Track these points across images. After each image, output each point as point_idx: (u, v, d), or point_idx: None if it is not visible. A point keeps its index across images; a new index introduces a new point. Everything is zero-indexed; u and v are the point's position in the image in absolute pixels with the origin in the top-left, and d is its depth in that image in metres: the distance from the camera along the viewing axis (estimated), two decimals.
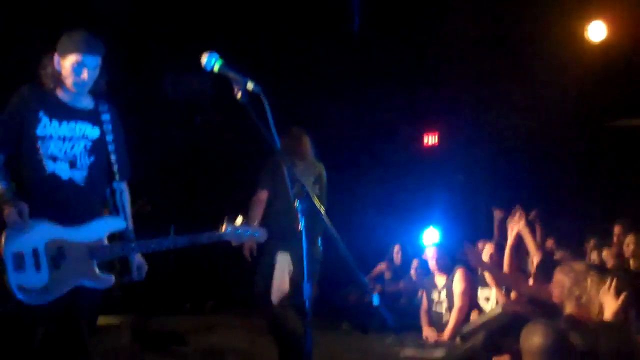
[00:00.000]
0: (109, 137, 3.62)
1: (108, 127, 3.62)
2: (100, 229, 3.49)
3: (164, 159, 10.15)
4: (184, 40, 8.59)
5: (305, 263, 2.91)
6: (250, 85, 2.94)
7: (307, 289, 2.88)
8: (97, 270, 3.43)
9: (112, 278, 3.48)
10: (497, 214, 7.92)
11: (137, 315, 7.55)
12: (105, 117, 3.63)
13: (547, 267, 5.27)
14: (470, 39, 9.30)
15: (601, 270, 4.50)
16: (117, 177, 3.67)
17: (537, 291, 5.15)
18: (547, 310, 4.51)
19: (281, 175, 5.56)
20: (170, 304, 10.09)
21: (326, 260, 6.19)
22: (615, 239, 7.05)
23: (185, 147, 10.72)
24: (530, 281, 5.53)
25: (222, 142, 10.59)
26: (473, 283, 6.98)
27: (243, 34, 9.06)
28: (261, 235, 3.87)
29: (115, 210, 3.71)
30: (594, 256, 7.09)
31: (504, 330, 4.98)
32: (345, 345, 7.32)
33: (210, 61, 2.99)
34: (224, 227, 3.72)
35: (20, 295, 3.21)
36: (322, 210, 2.92)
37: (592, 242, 7.50)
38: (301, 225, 2.93)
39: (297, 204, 2.93)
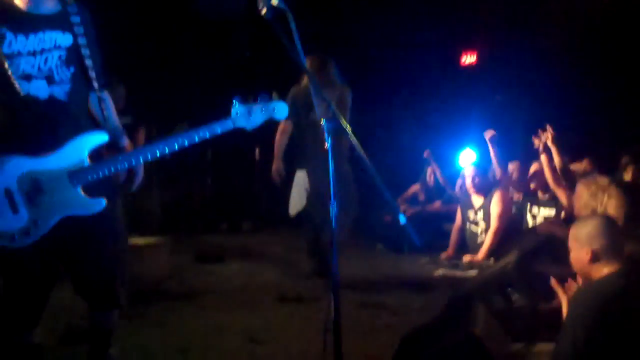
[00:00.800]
0: (82, 41, 3.14)
1: (80, 30, 3.14)
2: (79, 149, 3.05)
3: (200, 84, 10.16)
4: None
5: (331, 182, 2.88)
6: (275, 1, 2.87)
7: (333, 208, 2.86)
8: (82, 195, 3.02)
9: (103, 201, 3.04)
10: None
11: (175, 235, 7.67)
12: (75, 19, 3.15)
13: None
14: None
15: (623, 185, 4.49)
16: (95, 84, 3.19)
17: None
18: None
19: (300, 102, 6.25)
20: (208, 224, 10.26)
21: (361, 182, 6.25)
22: None
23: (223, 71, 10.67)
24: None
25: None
26: (510, 205, 6.96)
27: None
28: (280, 108, 3.20)
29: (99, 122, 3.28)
30: (628, 173, 6.94)
31: (538, 250, 4.96)
32: (380, 265, 7.39)
33: None
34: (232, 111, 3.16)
35: (0, 242, 2.92)
36: (349, 129, 2.88)
37: (625, 159, 7.34)
38: (327, 145, 2.90)
39: (322, 122, 2.89)
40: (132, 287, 5.27)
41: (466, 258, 6.89)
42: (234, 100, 3.13)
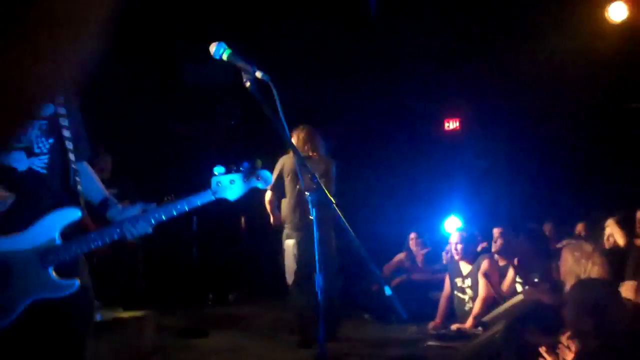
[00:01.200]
0: (62, 111, 2.92)
1: (60, 99, 2.92)
2: (50, 227, 2.82)
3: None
4: (198, 29, 8.58)
5: (316, 254, 2.86)
6: (259, 74, 2.89)
7: (319, 280, 2.83)
8: (53, 277, 2.78)
9: (75, 282, 2.80)
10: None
11: (160, 308, 7.56)
12: None
13: None
14: (490, 22, 9.22)
15: (605, 252, 4.56)
16: (71, 156, 2.94)
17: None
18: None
19: (281, 172, 6.58)
20: (194, 296, 10.14)
21: (347, 252, 6.23)
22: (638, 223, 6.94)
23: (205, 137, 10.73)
24: None
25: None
26: (498, 273, 6.95)
27: (256, 21, 9.05)
28: (264, 177, 2.95)
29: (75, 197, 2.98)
30: (608, 240, 6.97)
31: (526, 318, 4.93)
32: (367, 335, 7.30)
33: (219, 50, 2.95)
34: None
35: None
36: (334, 201, 2.87)
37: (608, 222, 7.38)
38: (312, 216, 2.89)
39: (307, 195, 2.89)
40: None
41: (454, 327, 6.83)
42: (214, 170, 2.97)
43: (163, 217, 2.95)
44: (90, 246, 2.85)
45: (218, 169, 2.98)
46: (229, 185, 2.96)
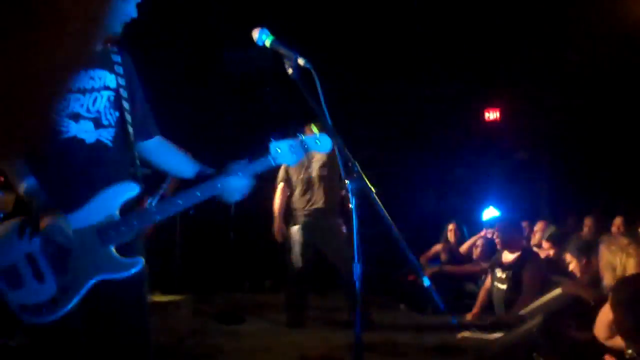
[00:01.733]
0: (123, 83, 2.81)
1: (120, 70, 2.81)
2: (109, 203, 2.66)
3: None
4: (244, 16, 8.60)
5: (355, 244, 2.85)
6: (301, 61, 2.88)
7: (357, 269, 2.83)
8: (115, 255, 2.64)
9: (140, 260, 2.67)
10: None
11: (197, 293, 7.62)
12: (116, 58, 2.83)
13: None
14: (533, 13, 9.10)
15: None
16: (131, 130, 2.82)
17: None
18: None
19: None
20: (230, 282, 10.20)
21: (384, 241, 6.21)
22: None
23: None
24: None
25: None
26: (542, 268, 6.87)
27: (296, 8, 9.05)
28: (323, 141, 2.95)
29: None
30: None
31: (563, 312, 4.88)
32: (403, 325, 7.28)
33: (262, 36, 2.94)
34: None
35: (26, 317, 2.54)
36: (373, 190, 2.86)
37: None
38: (352, 205, 2.88)
39: (347, 183, 2.88)
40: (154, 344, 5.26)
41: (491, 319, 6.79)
42: (271, 139, 2.91)
43: (247, 175, 2.88)
44: (151, 220, 2.76)
45: (274, 136, 2.94)
46: (288, 150, 2.92)
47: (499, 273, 7.07)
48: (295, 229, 7.11)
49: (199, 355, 5.87)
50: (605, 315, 3.90)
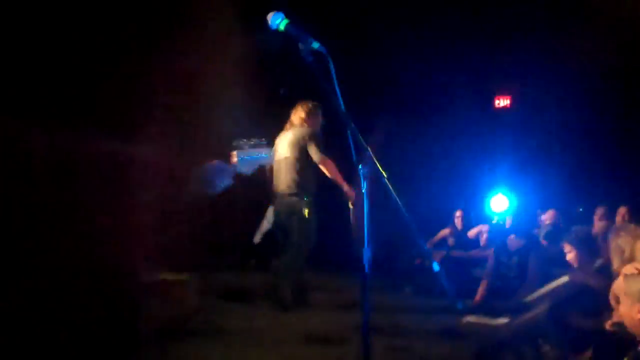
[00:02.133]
0: None
1: None
2: None
3: None
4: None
5: (365, 228, 2.87)
6: (316, 45, 2.90)
7: (367, 252, 2.85)
8: None
9: None
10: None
11: (203, 271, 7.63)
12: None
13: None
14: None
15: None
16: None
17: None
18: None
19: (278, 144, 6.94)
20: (236, 261, 10.23)
21: (391, 224, 6.22)
22: None
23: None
24: None
25: None
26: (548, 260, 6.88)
27: None
28: None
29: None
30: None
31: (570, 300, 4.90)
32: (407, 308, 7.31)
33: (276, 20, 2.96)
34: None
35: None
36: (385, 174, 2.88)
37: None
38: (363, 189, 2.90)
39: (359, 168, 2.90)
40: (157, 323, 5.30)
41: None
42: None
43: None
44: None
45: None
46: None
47: (505, 259, 7.10)
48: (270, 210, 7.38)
49: (204, 333, 5.90)
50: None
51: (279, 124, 7.14)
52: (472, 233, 8.86)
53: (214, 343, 5.57)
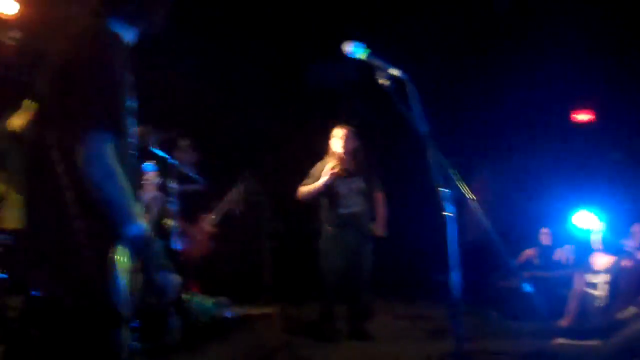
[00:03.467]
0: None
1: None
2: None
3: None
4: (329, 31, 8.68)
5: (452, 251, 2.86)
6: (396, 72, 2.93)
7: (455, 278, 2.84)
8: None
9: None
10: None
11: (288, 303, 7.64)
12: None
13: None
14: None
15: None
16: None
17: None
18: None
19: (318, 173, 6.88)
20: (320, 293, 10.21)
21: (475, 245, 6.15)
22: None
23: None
24: None
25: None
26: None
27: (378, 19, 9.07)
28: None
29: None
30: None
31: None
32: (496, 332, 7.18)
33: (358, 50, 3.00)
34: None
35: None
36: (473, 197, 2.87)
37: None
38: (448, 212, 2.89)
39: (442, 191, 2.90)
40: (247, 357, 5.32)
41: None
42: None
43: None
44: None
45: None
46: None
47: (590, 278, 6.92)
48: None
49: None
50: None
51: None
52: (557, 255, 8.65)
53: None
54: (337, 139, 6.87)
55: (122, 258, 2.42)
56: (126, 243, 2.41)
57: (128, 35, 2.65)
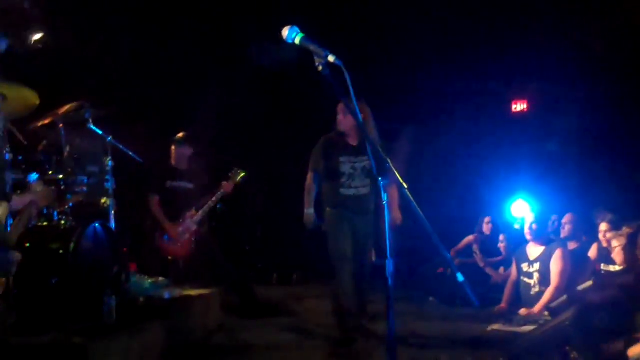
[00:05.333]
0: None
1: None
2: None
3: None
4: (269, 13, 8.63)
5: (387, 239, 2.87)
6: (331, 58, 2.90)
7: (389, 264, 2.84)
8: None
9: None
10: None
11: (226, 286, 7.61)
12: None
13: None
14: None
15: None
16: None
17: None
18: None
19: (330, 150, 6.19)
20: (258, 275, 10.25)
21: (414, 233, 6.19)
22: None
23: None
24: None
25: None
26: (571, 263, 6.83)
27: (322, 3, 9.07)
28: None
29: None
30: None
31: (596, 306, 4.84)
32: (432, 318, 7.27)
33: (292, 34, 2.96)
34: None
35: None
36: (405, 185, 2.87)
37: None
38: (383, 201, 2.90)
39: (379, 180, 2.90)
40: (181, 339, 5.29)
41: (522, 311, 6.75)
42: None
43: None
44: None
45: None
46: None
47: (526, 267, 7.06)
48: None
49: (227, 350, 5.88)
50: None
51: None
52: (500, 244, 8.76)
53: (237, 358, 5.56)
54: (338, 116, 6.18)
55: None
56: None
57: None
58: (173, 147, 7.59)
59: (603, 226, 6.57)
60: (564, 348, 4.71)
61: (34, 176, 4.68)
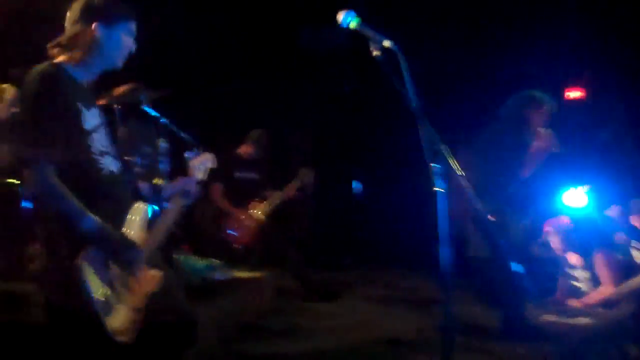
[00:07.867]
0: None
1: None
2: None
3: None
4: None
5: (444, 226, 2.82)
6: (387, 43, 2.86)
7: (445, 253, 2.81)
8: None
9: None
10: None
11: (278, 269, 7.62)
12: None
13: None
14: None
15: None
16: None
17: None
18: None
19: None
20: (311, 260, 10.23)
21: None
22: None
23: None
24: None
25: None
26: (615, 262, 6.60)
27: None
28: None
29: None
30: None
31: None
32: (486, 308, 7.17)
33: (347, 19, 2.93)
34: None
35: None
36: (461, 172, 2.82)
37: None
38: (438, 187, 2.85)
39: (433, 165, 2.85)
40: (232, 321, 5.32)
41: (575, 303, 6.59)
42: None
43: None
44: None
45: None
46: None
47: (571, 271, 6.85)
48: None
49: (280, 333, 5.89)
50: None
51: None
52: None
53: (291, 343, 5.55)
54: None
55: None
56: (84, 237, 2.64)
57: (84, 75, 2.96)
58: (246, 141, 7.66)
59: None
60: (622, 344, 4.61)
61: None
